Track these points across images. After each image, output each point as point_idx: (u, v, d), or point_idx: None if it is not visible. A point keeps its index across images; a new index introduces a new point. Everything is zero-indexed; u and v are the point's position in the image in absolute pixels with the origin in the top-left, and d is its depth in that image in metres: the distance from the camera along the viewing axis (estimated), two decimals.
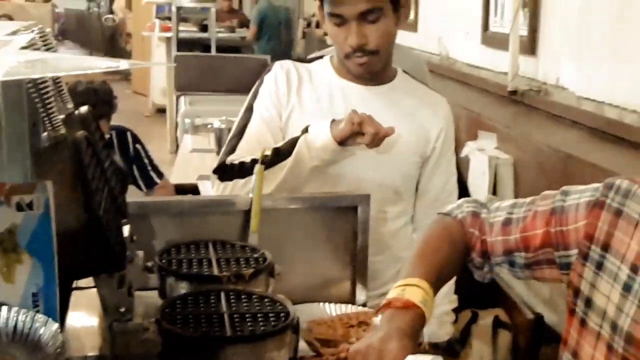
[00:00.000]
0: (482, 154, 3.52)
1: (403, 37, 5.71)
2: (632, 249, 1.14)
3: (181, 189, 3.61)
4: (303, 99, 1.86)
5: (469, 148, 3.65)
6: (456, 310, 2.07)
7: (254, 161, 1.68)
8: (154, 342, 1.17)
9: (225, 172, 1.81)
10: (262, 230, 1.61)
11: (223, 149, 1.88)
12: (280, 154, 1.70)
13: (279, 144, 1.73)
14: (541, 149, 3.01)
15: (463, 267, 1.35)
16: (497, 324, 2.42)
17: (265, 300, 1.28)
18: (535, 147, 3.15)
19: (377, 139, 1.64)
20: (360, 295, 1.70)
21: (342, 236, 1.68)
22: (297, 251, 1.68)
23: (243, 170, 1.75)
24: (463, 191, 2.78)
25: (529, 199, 1.30)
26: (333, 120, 1.70)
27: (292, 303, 1.68)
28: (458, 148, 3.79)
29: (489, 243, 1.29)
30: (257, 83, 1.92)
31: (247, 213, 1.62)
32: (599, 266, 1.18)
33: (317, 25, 7.87)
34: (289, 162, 1.70)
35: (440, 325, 1.93)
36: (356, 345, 1.15)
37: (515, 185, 3.26)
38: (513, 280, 2.50)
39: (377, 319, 1.18)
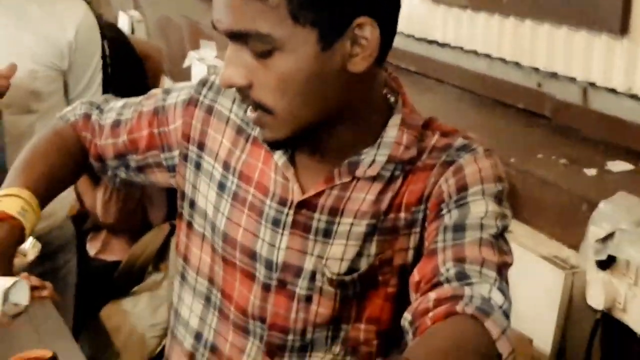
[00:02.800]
0: (201, 63, 3.44)
1: None
2: (224, 147, 1.10)
3: None
4: None
5: (190, 58, 3.56)
6: None
7: None
8: None
9: None
10: None
11: None
12: None
13: None
14: None
15: (81, 171, 1.27)
16: None
17: None
18: None
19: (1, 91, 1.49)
20: None
21: None
22: None
23: None
24: None
25: (139, 99, 1.22)
26: None
27: None
28: (181, 59, 3.70)
29: (99, 146, 1.22)
30: None
31: None
32: (198, 166, 1.13)
33: None
34: None
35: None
36: None
37: None
38: None
39: None
